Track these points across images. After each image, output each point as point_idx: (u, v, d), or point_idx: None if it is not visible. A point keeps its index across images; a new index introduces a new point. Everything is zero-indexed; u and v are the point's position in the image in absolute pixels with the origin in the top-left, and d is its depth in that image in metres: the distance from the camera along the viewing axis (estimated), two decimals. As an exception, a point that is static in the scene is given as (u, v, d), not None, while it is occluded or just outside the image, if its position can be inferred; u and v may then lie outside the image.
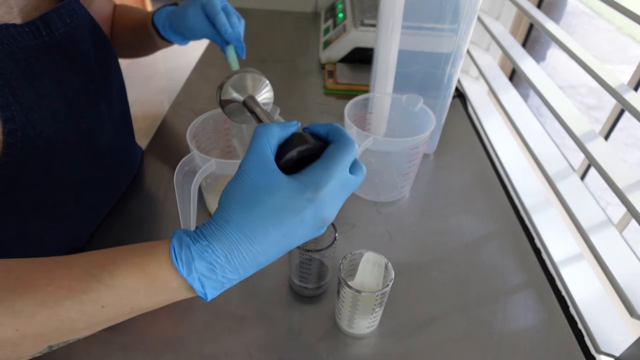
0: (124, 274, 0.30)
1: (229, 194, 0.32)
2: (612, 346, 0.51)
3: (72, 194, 0.54)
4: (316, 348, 0.51)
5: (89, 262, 0.31)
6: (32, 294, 0.29)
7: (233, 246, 0.31)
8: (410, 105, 0.68)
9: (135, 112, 0.69)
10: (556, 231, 0.65)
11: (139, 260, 0.31)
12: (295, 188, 0.31)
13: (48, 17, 0.46)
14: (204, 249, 0.31)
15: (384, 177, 0.74)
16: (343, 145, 0.33)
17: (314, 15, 1.37)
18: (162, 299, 0.32)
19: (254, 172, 0.32)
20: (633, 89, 0.56)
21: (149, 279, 0.30)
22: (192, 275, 0.30)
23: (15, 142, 0.43)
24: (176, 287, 0.31)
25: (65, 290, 0.29)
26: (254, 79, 0.49)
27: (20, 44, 0.43)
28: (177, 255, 0.30)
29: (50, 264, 0.31)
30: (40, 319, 0.29)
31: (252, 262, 0.32)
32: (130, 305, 0.31)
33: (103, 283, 0.30)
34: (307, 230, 0.32)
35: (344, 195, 0.34)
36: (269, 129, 0.33)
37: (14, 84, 0.43)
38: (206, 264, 0.31)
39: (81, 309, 0.29)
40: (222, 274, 0.31)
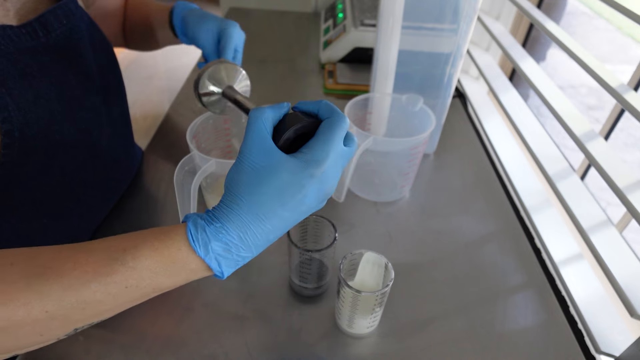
0: (145, 256, 0.32)
1: (235, 178, 0.33)
2: (612, 346, 0.51)
3: (71, 193, 0.54)
4: (316, 348, 0.51)
5: (110, 246, 0.32)
6: (59, 278, 0.30)
7: (245, 226, 0.32)
8: (410, 105, 0.68)
9: (135, 112, 0.69)
10: (556, 231, 0.65)
11: (158, 243, 0.32)
12: (297, 165, 0.33)
13: (44, 18, 0.46)
14: (218, 231, 0.32)
15: (384, 177, 0.74)
16: (335, 120, 0.35)
17: (314, 15, 1.37)
18: (181, 278, 0.33)
19: (255, 155, 0.33)
20: (633, 89, 0.56)
21: (168, 261, 0.32)
22: (209, 256, 0.32)
23: (13, 143, 0.43)
24: (194, 268, 0.33)
25: (90, 274, 0.31)
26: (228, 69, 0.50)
27: (17, 45, 0.43)
28: (194, 237, 0.32)
29: (72, 250, 0.32)
30: (68, 300, 0.30)
31: (263, 239, 0.34)
32: (152, 286, 0.32)
33: (126, 265, 0.31)
34: (312, 204, 0.34)
35: (341, 166, 0.35)
36: (262, 111, 0.34)
37: (11, 84, 0.43)
38: (221, 244, 0.32)
39: (106, 290, 0.31)
40: (237, 253, 0.33)
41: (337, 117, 0.35)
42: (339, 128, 0.34)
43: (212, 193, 0.64)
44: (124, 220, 0.65)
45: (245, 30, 0.65)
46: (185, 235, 0.32)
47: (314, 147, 0.33)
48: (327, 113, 0.35)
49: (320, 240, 0.56)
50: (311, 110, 0.36)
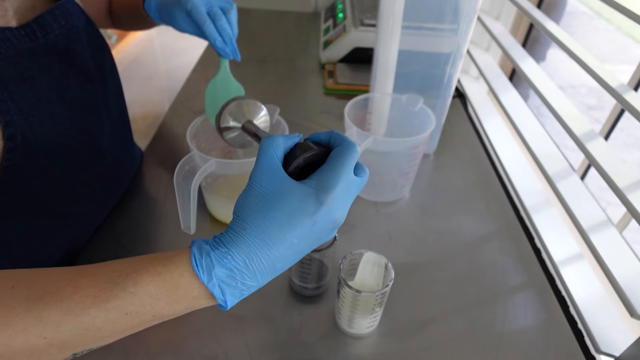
0: (147, 281, 0.31)
1: (243, 203, 0.33)
2: (612, 346, 0.51)
3: (72, 194, 0.54)
4: (316, 348, 0.51)
5: (113, 270, 0.32)
6: (58, 303, 0.30)
7: (251, 252, 0.32)
8: (410, 105, 0.68)
9: (135, 112, 0.69)
10: (556, 231, 0.65)
11: (161, 268, 0.31)
12: (306, 192, 0.32)
13: (43, 18, 0.46)
14: (223, 256, 0.31)
15: (384, 177, 0.74)
16: (346, 148, 0.34)
17: (314, 15, 1.37)
18: (183, 306, 0.32)
19: (265, 180, 0.33)
20: (633, 89, 0.56)
21: (170, 287, 0.31)
22: (212, 282, 0.31)
23: (16, 146, 0.43)
24: (197, 295, 0.32)
25: (90, 299, 0.30)
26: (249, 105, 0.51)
27: (16, 47, 0.43)
28: (198, 262, 0.31)
29: (74, 273, 0.32)
30: (67, 326, 0.30)
31: (269, 267, 0.33)
32: (152, 313, 0.32)
33: (127, 291, 0.30)
34: (321, 233, 0.34)
35: (351, 196, 0.35)
36: (274, 139, 0.34)
37: (12, 88, 0.43)
38: (226, 271, 0.31)
39: (106, 316, 0.30)
40: (242, 280, 0.32)
41: (347, 145, 0.34)
42: (350, 156, 0.34)
43: (212, 193, 0.64)
44: (124, 220, 0.65)
45: (245, 30, 0.64)
46: (189, 260, 0.32)
47: (324, 174, 0.33)
48: (337, 141, 0.35)
49: (320, 240, 0.56)
50: (322, 140, 0.36)
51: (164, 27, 0.67)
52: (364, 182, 0.36)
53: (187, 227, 0.51)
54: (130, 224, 0.65)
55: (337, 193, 0.33)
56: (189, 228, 0.51)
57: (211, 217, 0.67)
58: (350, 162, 0.34)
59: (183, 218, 0.51)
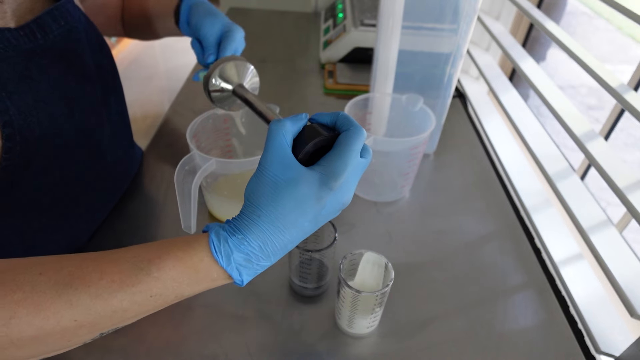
0: (169, 266, 0.33)
1: (256, 190, 0.35)
2: (612, 346, 0.51)
3: (72, 194, 0.54)
4: (316, 348, 0.51)
5: (135, 256, 0.33)
6: (86, 287, 0.31)
7: (266, 237, 0.34)
8: (410, 105, 0.68)
9: (135, 112, 0.70)
10: (556, 231, 0.65)
11: (182, 254, 0.33)
12: (317, 178, 0.34)
13: (42, 19, 0.46)
14: (240, 242, 0.34)
15: (384, 177, 0.74)
16: (353, 133, 0.35)
17: (314, 15, 1.37)
18: (203, 286, 0.35)
19: (277, 167, 0.34)
20: (633, 89, 0.56)
21: (191, 271, 0.33)
22: (231, 266, 0.34)
23: (14, 146, 0.43)
24: (216, 277, 0.34)
25: (117, 284, 0.32)
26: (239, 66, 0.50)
27: (15, 48, 0.43)
28: (217, 248, 0.33)
29: (98, 259, 0.33)
30: (96, 309, 0.31)
31: (281, 248, 0.35)
32: (174, 294, 0.34)
33: (151, 276, 0.32)
34: (328, 215, 0.36)
35: (357, 178, 0.37)
36: (283, 124, 0.35)
37: (11, 88, 0.43)
38: (243, 255, 0.34)
39: (132, 299, 0.32)
40: (257, 262, 0.34)
41: (354, 129, 0.35)
42: (357, 141, 0.35)
43: (213, 192, 0.64)
44: (124, 220, 0.65)
45: (245, 30, 0.65)
46: (208, 246, 0.34)
47: (333, 160, 0.34)
48: (344, 125, 0.36)
49: (320, 240, 0.56)
50: (328, 122, 0.37)
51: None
52: (368, 162, 0.37)
53: (188, 226, 0.51)
54: (130, 224, 0.65)
55: (344, 177, 0.34)
56: (190, 228, 0.51)
57: (211, 216, 0.67)
58: (357, 147, 0.35)
59: (183, 218, 0.51)
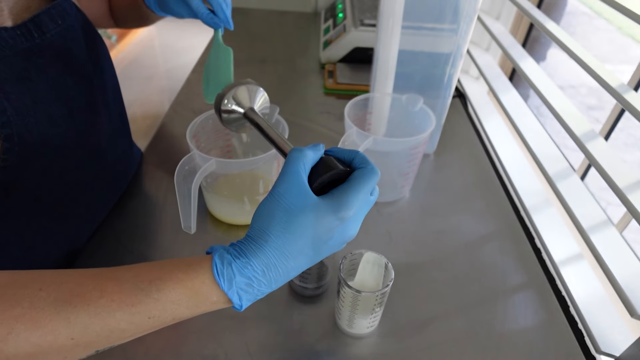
0: (169, 288, 0.32)
1: (267, 215, 0.34)
2: (612, 346, 0.51)
3: (71, 194, 0.54)
4: (316, 348, 0.51)
5: (136, 276, 0.33)
6: (86, 306, 0.31)
7: (270, 262, 0.34)
8: (410, 105, 0.68)
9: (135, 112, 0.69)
10: (556, 231, 0.65)
11: (183, 275, 0.33)
12: (329, 209, 0.34)
13: (39, 18, 0.46)
14: (244, 266, 0.33)
15: (384, 177, 0.73)
16: (369, 172, 0.36)
17: (314, 15, 1.37)
18: (201, 310, 0.34)
19: (291, 196, 0.34)
20: (633, 89, 0.56)
21: (191, 293, 0.33)
22: (232, 290, 0.33)
23: (13, 147, 0.43)
24: (216, 301, 0.34)
25: (116, 303, 0.31)
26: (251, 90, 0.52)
27: (12, 47, 0.43)
28: (219, 271, 0.33)
29: (98, 277, 0.33)
30: (94, 328, 0.31)
31: (284, 275, 0.35)
32: (172, 316, 0.33)
33: (151, 297, 0.32)
34: (334, 247, 0.36)
35: (363, 214, 0.37)
36: (304, 155, 0.36)
37: (8, 88, 0.42)
38: (245, 279, 0.33)
39: (130, 320, 0.32)
40: (258, 287, 0.34)
41: (371, 169, 0.37)
42: (371, 180, 0.36)
43: (212, 192, 0.64)
44: (124, 220, 0.65)
45: (245, 30, 0.64)
46: (210, 268, 0.33)
47: (346, 193, 0.35)
48: (361, 164, 0.37)
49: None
50: (345, 158, 0.38)
51: (164, 27, 0.67)
52: (374, 200, 0.38)
53: (188, 226, 0.51)
54: (130, 224, 0.65)
55: (353, 211, 0.35)
56: (190, 227, 0.51)
57: (211, 216, 0.67)
58: (370, 185, 0.36)
59: (183, 218, 0.51)
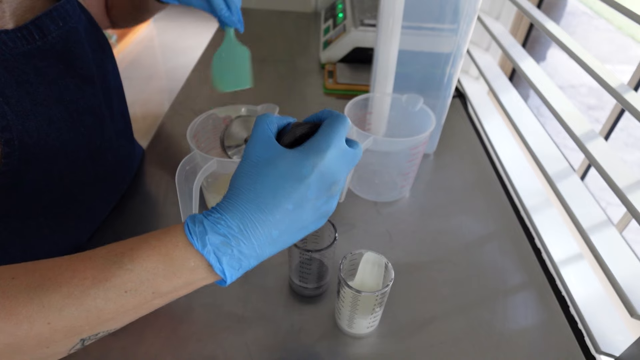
0: (143, 257, 0.31)
1: (238, 173, 0.34)
2: (612, 346, 0.51)
3: (72, 195, 0.54)
4: (316, 348, 0.51)
5: (109, 251, 0.32)
6: (58, 287, 0.30)
7: (245, 217, 0.32)
8: (410, 105, 0.68)
9: (135, 112, 0.70)
10: (556, 231, 0.65)
11: (156, 242, 0.32)
12: (298, 156, 0.33)
13: (40, 20, 0.45)
14: (216, 221, 0.32)
15: (384, 177, 0.74)
16: (336, 118, 0.35)
17: (314, 15, 1.37)
18: (182, 280, 0.32)
19: (258, 150, 0.34)
20: (633, 89, 0.56)
21: (166, 259, 0.31)
22: (206, 249, 0.31)
23: (13, 151, 0.43)
24: (194, 266, 0.32)
25: (89, 280, 0.30)
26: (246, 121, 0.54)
27: (12, 50, 0.43)
28: (191, 229, 0.32)
29: (72, 259, 0.32)
30: (69, 310, 0.30)
31: (266, 235, 0.33)
32: (151, 289, 0.32)
33: (124, 268, 0.31)
34: (316, 200, 0.34)
35: (345, 165, 0.35)
36: (268, 116, 0.36)
37: (8, 92, 0.42)
38: (220, 237, 0.31)
39: (106, 296, 0.30)
40: (237, 248, 0.32)
41: (337, 115, 0.36)
42: (340, 124, 0.35)
43: (213, 192, 0.64)
44: (124, 221, 0.65)
45: (245, 30, 0.65)
46: (184, 230, 0.32)
47: (315, 140, 0.34)
48: (328, 115, 0.36)
49: (320, 240, 0.56)
50: (315, 118, 0.37)
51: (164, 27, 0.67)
52: (358, 156, 0.36)
53: None
54: (130, 224, 0.65)
55: (329, 157, 0.33)
56: None
57: (211, 217, 0.67)
58: (340, 129, 0.35)
59: (184, 218, 0.51)
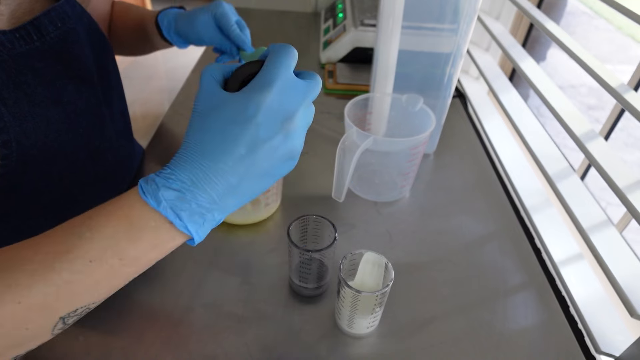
0: (101, 223, 0.31)
1: (188, 128, 0.33)
2: (612, 346, 0.51)
3: (71, 195, 0.54)
4: (316, 348, 0.51)
5: (69, 224, 0.32)
6: (21, 266, 0.30)
7: (195, 167, 0.31)
8: (410, 105, 0.68)
9: (135, 112, 0.70)
10: (556, 231, 0.65)
11: (112, 207, 0.31)
12: (241, 97, 0.32)
13: (38, 21, 0.45)
14: (167, 177, 0.31)
15: (384, 177, 0.74)
16: (278, 50, 0.33)
17: (314, 15, 1.37)
18: (146, 243, 0.31)
19: (203, 100, 0.33)
20: (633, 89, 0.56)
21: (125, 222, 0.31)
22: (162, 205, 0.30)
23: (11, 153, 0.43)
24: (155, 226, 0.31)
25: (51, 255, 0.30)
26: None
27: (10, 51, 0.43)
28: (144, 188, 0.31)
29: (34, 239, 0.32)
30: (37, 287, 0.29)
31: (222, 183, 0.31)
32: (117, 255, 0.31)
33: (83, 237, 0.30)
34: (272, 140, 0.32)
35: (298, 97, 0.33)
36: (212, 64, 0.34)
37: (5, 94, 0.42)
38: (173, 192, 0.31)
39: (71, 268, 0.30)
40: (195, 201, 0.31)
41: (279, 47, 0.33)
42: (283, 55, 0.33)
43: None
44: (124, 220, 0.65)
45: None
46: (138, 192, 0.31)
47: (257, 78, 0.32)
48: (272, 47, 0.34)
49: (320, 240, 0.56)
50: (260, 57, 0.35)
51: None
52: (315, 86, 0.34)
53: None
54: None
55: (274, 91, 0.31)
56: None
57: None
58: (283, 60, 0.32)
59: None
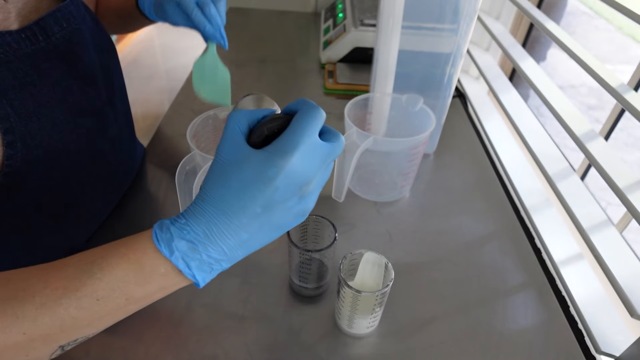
0: (112, 265, 0.31)
1: (208, 175, 0.33)
2: (612, 346, 0.51)
3: (73, 196, 0.54)
4: (316, 348, 0.51)
5: (80, 260, 0.32)
6: (31, 298, 0.30)
7: (210, 222, 0.32)
8: (410, 105, 0.68)
9: (135, 112, 0.69)
10: (556, 231, 0.65)
11: (125, 249, 0.32)
12: (263, 157, 0.32)
13: (44, 21, 0.45)
14: (182, 227, 0.32)
15: (384, 177, 0.74)
16: (306, 111, 0.33)
17: (314, 15, 1.37)
18: (154, 286, 0.32)
19: (225, 151, 0.33)
20: (633, 89, 0.56)
21: (136, 266, 0.31)
22: (174, 255, 0.31)
23: (16, 153, 0.43)
24: (165, 272, 0.32)
25: (61, 290, 0.31)
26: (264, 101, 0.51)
27: (16, 52, 0.43)
28: (159, 236, 0.31)
29: (45, 268, 0.32)
30: (43, 320, 0.30)
31: (234, 239, 0.32)
32: (124, 296, 0.32)
33: (94, 277, 0.31)
34: (287, 201, 0.33)
35: (319, 161, 0.33)
36: (238, 112, 0.34)
37: (11, 94, 0.42)
38: (186, 242, 0.31)
39: (78, 305, 0.31)
40: (206, 253, 0.32)
41: (308, 107, 0.33)
42: (310, 118, 0.33)
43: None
44: (124, 221, 0.65)
45: (245, 30, 0.65)
46: (152, 237, 0.32)
47: (282, 138, 0.32)
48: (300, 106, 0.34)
49: (320, 240, 0.56)
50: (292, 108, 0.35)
51: (164, 27, 0.67)
52: (337, 149, 0.34)
53: None
54: (130, 224, 0.65)
55: (297, 156, 0.31)
56: None
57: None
58: (309, 124, 0.32)
59: None
